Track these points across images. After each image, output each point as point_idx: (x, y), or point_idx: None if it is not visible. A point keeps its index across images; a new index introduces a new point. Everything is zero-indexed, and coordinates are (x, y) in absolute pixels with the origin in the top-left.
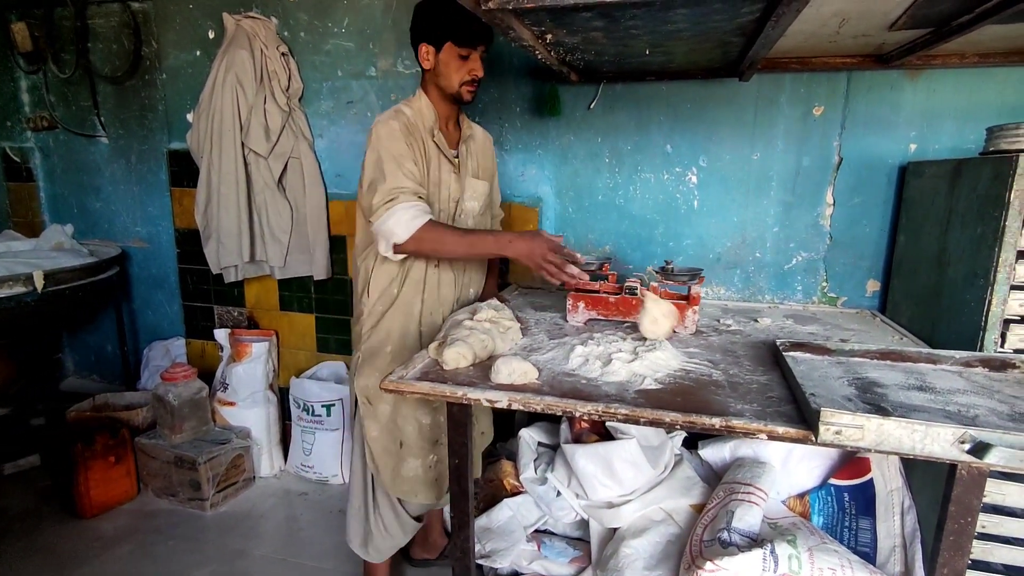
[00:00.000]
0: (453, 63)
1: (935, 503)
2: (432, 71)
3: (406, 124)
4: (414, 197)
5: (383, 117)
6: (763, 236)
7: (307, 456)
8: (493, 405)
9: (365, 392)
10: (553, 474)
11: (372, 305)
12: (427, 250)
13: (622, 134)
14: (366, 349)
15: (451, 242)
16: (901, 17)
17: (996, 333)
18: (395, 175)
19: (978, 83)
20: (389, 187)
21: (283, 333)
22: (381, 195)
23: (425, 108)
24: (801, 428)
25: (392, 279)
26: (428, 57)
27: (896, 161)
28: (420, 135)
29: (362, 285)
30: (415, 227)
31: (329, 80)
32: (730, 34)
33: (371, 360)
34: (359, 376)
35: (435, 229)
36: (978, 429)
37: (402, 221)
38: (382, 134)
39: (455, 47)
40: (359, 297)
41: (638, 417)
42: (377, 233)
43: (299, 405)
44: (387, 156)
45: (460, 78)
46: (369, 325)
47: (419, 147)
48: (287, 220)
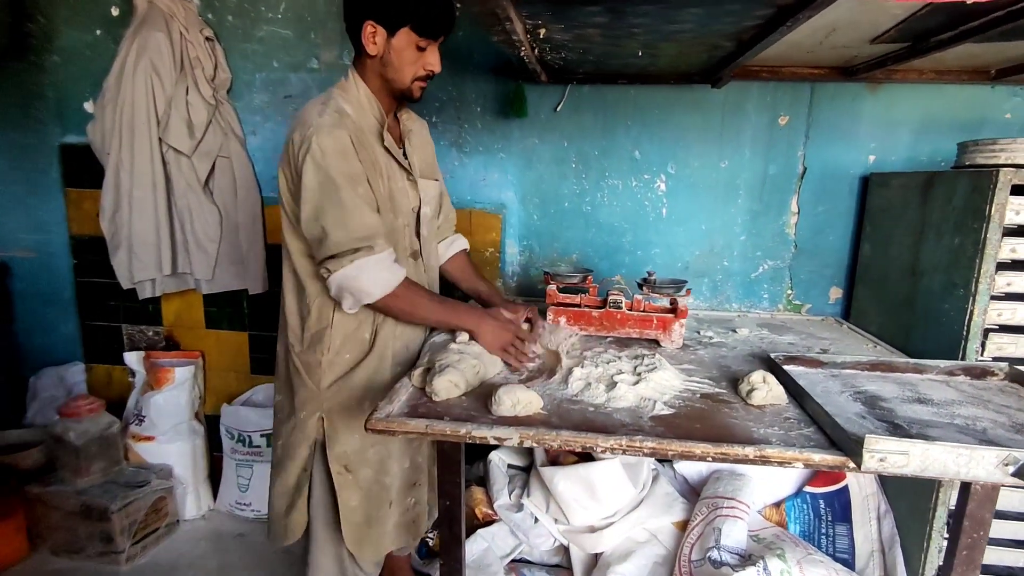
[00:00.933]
0: (408, 53)
1: (913, 508)
2: (379, 59)
3: (354, 131)
4: (388, 244)
5: (326, 123)
6: (731, 244)
7: (244, 492)
8: (502, 443)
9: (343, 460)
10: (529, 499)
11: (335, 353)
12: (395, 312)
13: (589, 138)
14: (333, 408)
15: (423, 308)
16: (890, 30)
17: (977, 342)
18: (359, 211)
19: (932, 98)
20: (357, 230)
21: (210, 354)
22: (345, 239)
23: (367, 101)
24: (838, 455)
25: (360, 322)
26: (375, 40)
27: (857, 171)
28: (367, 141)
29: (316, 324)
30: (391, 286)
31: (263, 71)
32: (726, 38)
33: (346, 421)
34: (332, 443)
35: (410, 291)
36: (1022, 451)
37: (378, 280)
38: (328, 149)
39: (414, 34)
40: (307, 337)
41: (666, 451)
42: (342, 288)
43: (233, 436)
44: (341, 178)
45: (414, 72)
46: (333, 377)
47: (369, 158)
48: (215, 227)
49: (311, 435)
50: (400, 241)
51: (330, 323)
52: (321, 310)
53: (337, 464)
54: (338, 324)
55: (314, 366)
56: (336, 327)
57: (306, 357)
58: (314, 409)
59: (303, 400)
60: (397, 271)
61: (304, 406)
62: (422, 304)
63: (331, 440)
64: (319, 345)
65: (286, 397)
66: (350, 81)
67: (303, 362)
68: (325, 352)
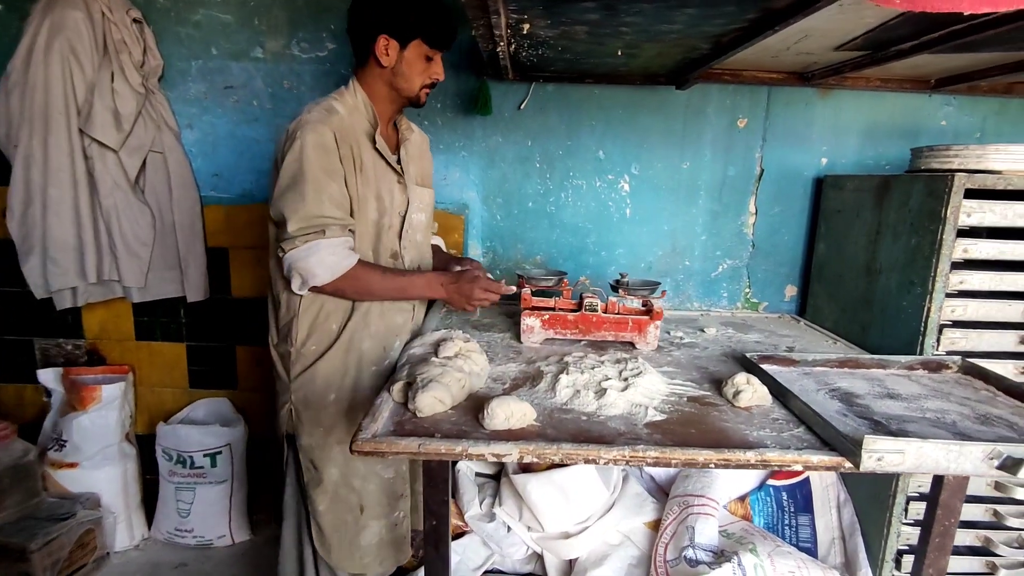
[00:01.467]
0: (418, 64)
1: (873, 497)
2: (391, 69)
3: (339, 129)
4: (344, 232)
5: (312, 118)
6: (692, 244)
7: (184, 518)
8: (501, 459)
9: (309, 454)
10: (501, 508)
11: (301, 344)
12: (349, 294)
13: (553, 138)
14: (300, 400)
15: (379, 287)
16: (857, 39)
17: (934, 337)
18: (318, 200)
19: (876, 105)
20: (311, 215)
21: (141, 368)
22: (299, 222)
23: (363, 106)
24: (834, 455)
25: (328, 313)
26: (388, 53)
27: (811, 173)
28: (354, 140)
29: (285, 315)
30: (341, 270)
31: (200, 59)
32: (707, 40)
33: (310, 414)
34: (298, 434)
35: (362, 272)
36: (1006, 445)
37: (326, 262)
38: (309, 142)
39: (424, 46)
40: (279, 329)
41: (669, 460)
42: (290, 267)
43: (171, 457)
44: (311, 173)
45: (423, 81)
46: (300, 368)
47: (353, 156)
48: (147, 230)
49: (283, 426)
50: (382, 239)
51: (296, 314)
52: (288, 301)
53: (305, 459)
54: (303, 314)
55: (286, 357)
56: (301, 317)
57: (280, 349)
58: (284, 400)
59: (279, 391)
60: (348, 256)
61: (279, 396)
62: (377, 284)
63: (299, 432)
64: (288, 336)
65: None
66: (350, 89)
67: (278, 354)
68: (293, 343)
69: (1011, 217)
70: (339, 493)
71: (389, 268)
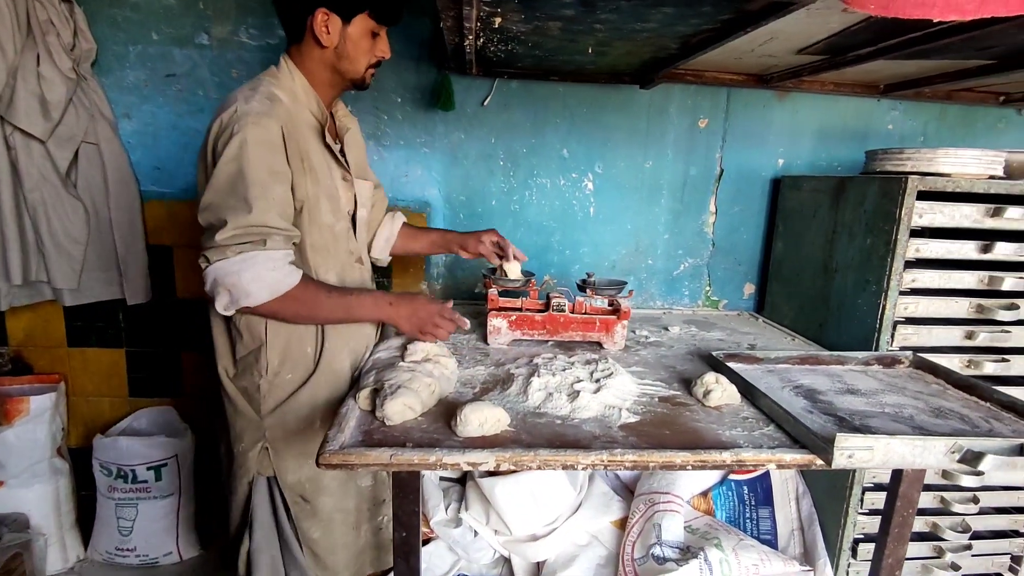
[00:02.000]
0: (364, 42)
1: (831, 487)
2: (333, 49)
3: (286, 122)
4: (286, 244)
5: (254, 108)
6: (655, 243)
7: (126, 536)
8: (476, 468)
9: (299, 489)
10: (468, 513)
11: (274, 374)
12: (287, 317)
13: (518, 135)
14: (278, 436)
15: (325, 309)
16: (819, 43)
17: (888, 333)
18: (262, 206)
19: (829, 108)
20: (252, 223)
21: (75, 377)
22: (235, 230)
23: (303, 93)
24: (806, 454)
25: (301, 335)
26: (329, 30)
27: (768, 174)
28: (300, 135)
29: (248, 344)
30: (282, 289)
31: (139, 44)
32: (678, 40)
33: (296, 448)
34: (283, 473)
35: (307, 291)
36: (966, 439)
37: (264, 279)
38: (252, 138)
39: (371, 21)
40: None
41: (647, 463)
42: (217, 281)
43: (110, 472)
44: (254, 174)
45: (368, 60)
46: (274, 402)
47: (299, 154)
48: (81, 227)
49: (251, 469)
50: (343, 245)
51: (263, 341)
52: (251, 327)
53: (293, 495)
54: (273, 340)
55: (251, 391)
56: (271, 344)
57: (241, 382)
58: (254, 440)
59: (240, 431)
60: (291, 273)
61: (242, 437)
62: (324, 304)
63: (282, 471)
64: (254, 367)
65: (221, 428)
66: (283, 70)
67: (238, 388)
68: (262, 374)
69: (958, 218)
70: (334, 517)
71: (332, 286)
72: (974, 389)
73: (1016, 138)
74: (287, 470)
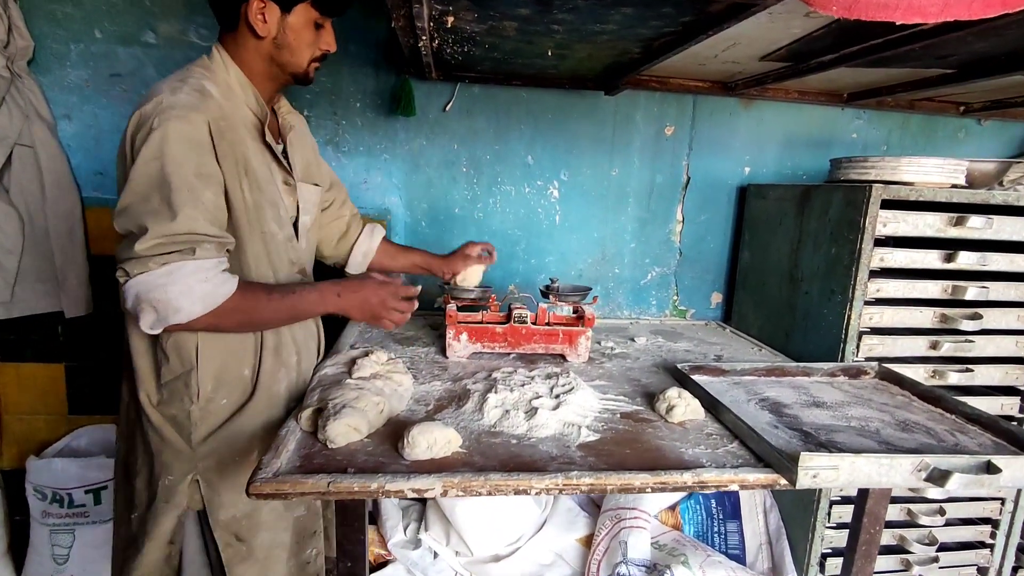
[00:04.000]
0: (306, 33)
1: (797, 501)
2: (271, 39)
3: (216, 118)
4: (219, 252)
5: (177, 102)
6: (621, 252)
7: (61, 565)
8: (422, 495)
9: (231, 528)
10: (428, 534)
11: (207, 400)
12: (229, 328)
13: (481, 141)
14: (211, 467)
15: (266, 312)
16: (781, 49)
17: (854, 344)
18: (189, 212)
19: (793, 117)
20: (177, 231)
21: (7, 394)
22: (157, 239)
23: (237, 86)
24: (770, 473)
25: (237, 356)
26: (265, 18)
27: (735, 182)
28: (234, 134)
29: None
30: (217, 299)
31: (80, 41)
32: (639, 43)
33: (230, 480)
34: (214, 508)
35: (245, 298)
36: (933, 456)
37: (194, 292)
38: (174, 134)
39: (313, 11)
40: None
41: (604, 486)
42: (140, 297)
43: (45, 496)
44: (179, 176)
45: (312, 53)
46: (207, 430)
47: (233, 154)
48: (14, 235)
49: (180, 503)
50: (285, 255)
51: (194, 364)
52: (179, 349)
53: (226, 534)
54: (205, 364)
55: (181, 419)
56: (204, 368)
57: (167, 410)
58: (184, 472)
59: (167, 463)
60: (225, 283)
61: (169, 470)
62: (264, 309)
63: (213, 506)
64: (184, 394)
65: (140, 459)
66: (216, 61)
67: (164, 416)
68: (193, 401)
69: (921, 227)
70: (272, 555)
71: (272, 285)
72: (940, 401)
73: (976, 148)
74: (220, 506)
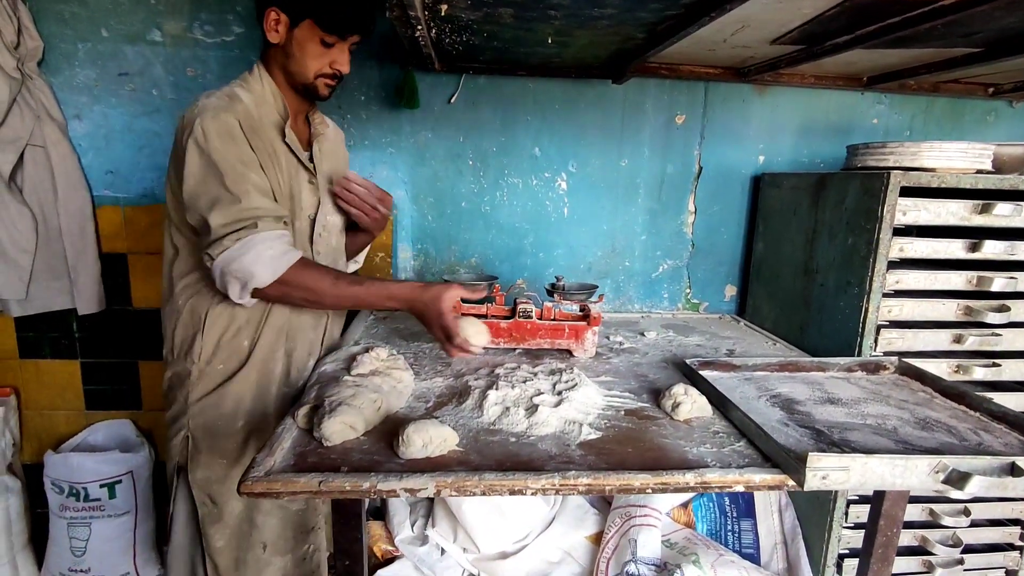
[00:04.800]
0: (312, 48)
1: (813, 499)
2: (281, 48)
3: (245, 117)
4: (278, 224)
5: (209, 104)
6: (632, 244)
7: (79, 557)
8: (415, 495)
9: (206, 488)
10: (435, 530)
11: (206, 362)
12: (296, 298)
13: (487, 133)
14: (199, 426)
15: (330, 291)
16: (793, 31)
17: (872, 338)
18: (245, 191)
19: (811, 102)
20: (241, 208)
21: (27, 390)
22: (223, 218)
23: (270, 95)
24: (777, 474)
25: (239, 326)
26: (278, 29)
27: (748, 171)
28: (262, 133)
29: (184, 329)
30: (283, 267)
31: (88, 41)
32: (642, 28)
33: (211, 442)
34: (194, 466)
35: (308, 271)
36: (951, 457)
37: (264, 258)
38: (211, 131)
39: (318, 29)
40: (177, 344)
41: (603, 486)
42: (225, 272)
43: (62, 490)
44: (225, 163)
45: (318, 68)
46: (202, 390)
47: (266, 149)
48: (28, 234)
49: (174, 457)
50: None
51: (201, 327)
52: (193, 311)
53: (201, 493)
54: (210, 328)
55: (184, 377)
56: (208, 331)
57: (177, 367)
58: (180, 427)
59: (173, 416)
60: (288, 252)
61: (173, 423)
62: (328, 288)
63: (193, 464)
64: (189, 353)
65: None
66: (255, 74)
67: (174, 373)
68: (195, 361)
69: (944, 215)
70: (241, 528)
71: (338, 272)
72: (963, 398)
73: (1006, 131)
74: (198, 464)
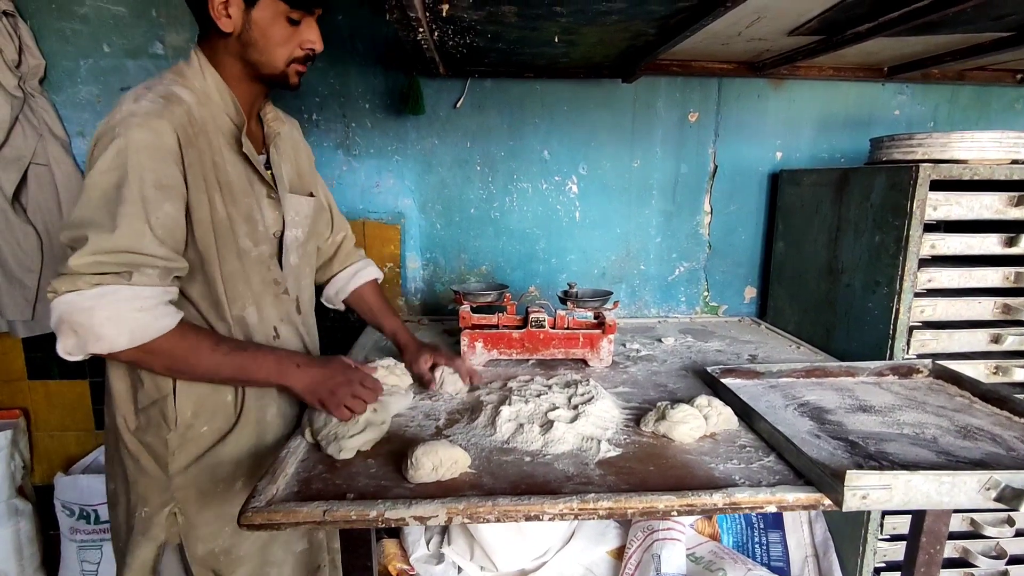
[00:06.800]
0: (278, 29)
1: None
2: (236, 37)
3: (184, 124)
4: (164, 279)
5: (138, 110)
6: (646, 247)
7: None
8: (424, 523)
9: (210, 564)
10: (451, 548)
11: (186, 428)
12: (154, 368)
13: (495, 138)
14: (190, 498)
15: (206, 363)
16: (811, 21)
17: (904, 340)
18: (136, 227)
19: (829, 95)
20: (118, 247)
21: (37, 411)
22: (94, 255)
23: (216, 92)
24: (812, 492)
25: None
26: (229, 13)
27: (766, 169)
28: (207, 142)
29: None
30: (148, 335)
31: (90, 57)
32: (653, 23)
33: (211, 511)
34: (191, 542)
35: (184, 341)
36: (1004, 473)
37: (124, 319)
38: (135, 142)
39: (282, 4)
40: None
41: (625, 509)
42: (63, 320)
43: (72, 512)
44: (135, 187)
45: (288, 53)
46: (187, 459)
47: (205, 165)
48: (33, 254)
49: (158, 536)
50: (262, 275)
51: (171, 390)
52: (155, 375)
53: (203, 570)
54: (184, 388)
55: (157, 447)
56: (182, 393)
57: (144, 437)
58: (162, 503)
59: (144, 493)
60: (163, 317)
61: (146, 500)
62: (203, 358)
63: (190, 540)
64: (162, 420)
65: (119, 488)
66: (193, 66)
67: (141, 443)
68: (172, 428)
69: (978, 209)
70: None
71: (225, 337)
72: (1005, 403)
73: None
74: (197, 539)
